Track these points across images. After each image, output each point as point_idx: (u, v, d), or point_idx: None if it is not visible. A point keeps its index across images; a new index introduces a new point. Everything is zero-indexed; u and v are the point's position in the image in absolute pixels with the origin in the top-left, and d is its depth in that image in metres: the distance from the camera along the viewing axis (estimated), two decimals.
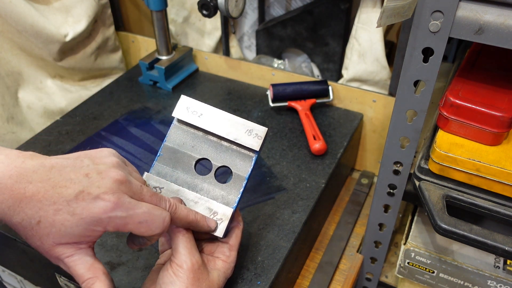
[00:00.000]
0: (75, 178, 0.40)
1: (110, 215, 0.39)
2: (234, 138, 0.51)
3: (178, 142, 0.52)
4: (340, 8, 0.87)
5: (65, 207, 0.39)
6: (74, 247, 0.41)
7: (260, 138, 0.51)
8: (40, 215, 0.39)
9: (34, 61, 0.88)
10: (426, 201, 0.56)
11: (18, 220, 0.39)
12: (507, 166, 0.53)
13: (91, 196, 0.39)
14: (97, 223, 0.40)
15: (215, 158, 0.52)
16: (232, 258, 0.52)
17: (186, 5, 1.02)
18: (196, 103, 0.52)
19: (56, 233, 0.39)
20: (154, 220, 0.42)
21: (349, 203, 0.85)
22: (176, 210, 0.46)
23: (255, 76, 0.95)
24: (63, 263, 0.42)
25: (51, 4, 0.86)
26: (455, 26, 0.45)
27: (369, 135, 0.88)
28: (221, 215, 0.50)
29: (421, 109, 0.53)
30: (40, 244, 0.40)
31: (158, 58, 0.94)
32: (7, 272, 0.78)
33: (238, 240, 0.53)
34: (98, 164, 0.42)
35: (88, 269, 0.42)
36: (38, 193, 0.38)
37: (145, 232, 0.42)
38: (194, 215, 0.48)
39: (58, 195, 0.39)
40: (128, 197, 0.41)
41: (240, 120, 0.52)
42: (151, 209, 0.42)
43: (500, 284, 0.64)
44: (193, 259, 0.46)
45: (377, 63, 0.85)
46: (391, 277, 0.82)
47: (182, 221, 0.46)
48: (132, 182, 0.42)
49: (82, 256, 0.42)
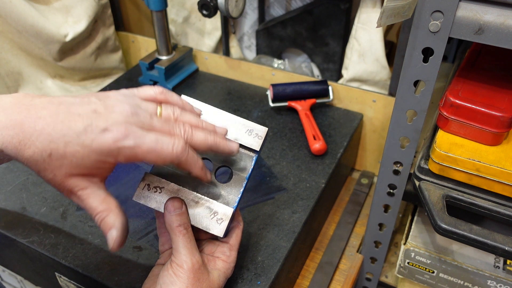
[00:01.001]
0: (83, 113, 0.40)
1: (118, 145, 0.40)
2: (234, 138, 0.51)
3: None
4: (340, 8, 0.87)
5: (74, 139, 0.39)
6: (87, 179, 0.42)
7: (261, 138, 0.51)
8: (51, 148, 0.39)
9: (34, 61, 0.88)
10: (426, 201, 0.56)
11: (29, 153, 0.39)
12: (507, 166, 0.53)
13: (99, 128, 0.40)
14: (107, 154, 0.40)
15: (215, 158, 0.52)
16: (232, 258, 0.52)
17: (186, 5, 1.02)
18: (197, 103, 0.52)
19: (68, 165, 0.40)
20: (163, 149, 0.42)
21: (349, 203, 0.85)
22: (193, 135, 0.45)
23: (255, 76, 0.95)
24: (76, 196, 0.42)
25: (51, 4, 0.86)
26: (455, 26, 0.45)
27: (369, 135, 0.88)
28: (222, 215, 0.50)
29: (421, 109, 0.53)
30: (53, 176, 0.41)
31: (158, 58, 0.94)
32: (7, 272, 0.78)
33: (238, 240, 0.52)
34: (106, 101, 0.42)
35: (101, 202, 0.43)
36: (48, 126, 0.39)
37: (156, 160, 0.42)
38: (213, 139, 0.46)
39: (67, 128, 0.39)
40: (137, 127, 0.41)
41: (241, 120, 0.52)
42: (159, 137, 0.42)
43: (500, 284, 0.64)
44: (194, 259, 0.46)
45: (377, 63, 0.85)
46: (391, 277, 0.82)
47: (201, 145, 0.45)
48: (139, 114, 0.42)
49: (95, 190, 0.42)
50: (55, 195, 0.69)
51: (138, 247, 0.61)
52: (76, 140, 0.39)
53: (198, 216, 0.50)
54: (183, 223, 0.47)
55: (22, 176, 0.72)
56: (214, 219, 0.50)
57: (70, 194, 0.42)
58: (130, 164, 0.73)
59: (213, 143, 0.46)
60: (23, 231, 0.63)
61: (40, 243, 0.62)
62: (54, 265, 0.62)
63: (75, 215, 0.66)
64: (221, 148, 0.47)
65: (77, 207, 0.67)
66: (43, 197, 0.69)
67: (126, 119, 0.41)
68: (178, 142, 0.43)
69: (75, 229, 0.64)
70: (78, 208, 0.67)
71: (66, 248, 0.61)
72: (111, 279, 0.58)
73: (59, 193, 0.68)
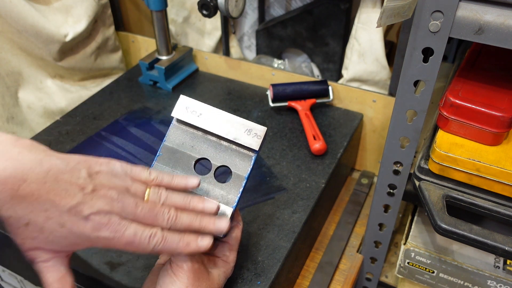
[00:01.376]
0: (71, 189, 0.39)
1: (97, 235, 0.40)
2: (233, 138, 0.51)
3: (178, 142, 0.52)
4: (340, 8, 0.87)
5: (56, 217, 0.39)
6: (52, 253, 0.41)
7: (260, 138, 0.51)
8: (29, 218, 0.38)
9: (34, 61, 0.88)
10: (426, 201, 0.56)
11: (6, 215, 0.38)
12: (507, 166, 0.53)
13: (83, 214, 0.39)
14: (85, 240, 0.40)
15: (215, 158, 0.52)
16: (232, 258, 0.52)
17: (186, 5, 1.02)
18: (195, 103, 0.52)
19: (42, 239, 0.39)
20: (141, 242, 0.41)
21: (349, 203, 0.85)
22: (176, 221, 0.44)
23: (255, 76, 0.95)
24: (36, 265, 0.42)
25: (51, 4, 0.86)
26: (455, 26, 0.45)
27: (369, 135, 0.88)
28: (221, 214, 0.50)
29: (421, 109, 0.53)
30: (21, 243, 0.40)
31: (158, 58, 0.94)
32: (7, 272, 0.78)
33: (238, 240, 0.52)
34: (95, 178, 0.41)
35: (58, 280, 0.42)
36: (31, 195, 0.37)
37: (134, 251, 0.42)
38: (199, 222, 0.45)
39: (51, 203, 0.38)
40: (119, 218, 0.41)
41: (240, 119, 0.52)
42: (139, 230, 0.41)
43: (500, 284, 0.64)
44: (193, 259, 0.46)
45: (377, 63, 0.85)
46: (391, 277, 0.82)
47: (187, 229, 0.45)
48: (125, 202, 0.41)
49: (57, 264, 0.42)
50: None
51: None
52: (58, 219, 0.39)
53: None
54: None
55: None
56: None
57: (31, 260, 0.42)
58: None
59: (199, 227, 0.45)
60: None
61: None
62: None
63: None
64: (208, 231, 0.46)
65: None
66: None
67: (111, 208, 0.40)
68: (156, 235, 0.42)
69: None
70: None
71: None
72: (111, 279, 0.58)
73: None
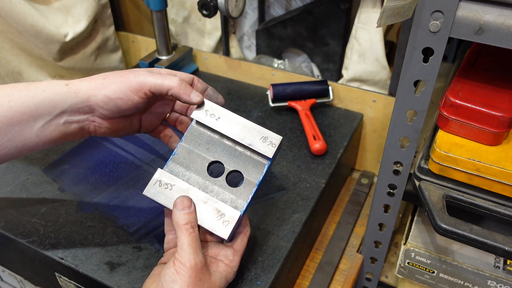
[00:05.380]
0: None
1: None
2: (248, 144, 0.52)
3: (194, 143, 0.54)
4: (340, 8, 0.87)
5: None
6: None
7: (274, 146, 0.52)
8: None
9: (34, 61, 0.88)
10: (426, 201, 0.56)
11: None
12: (507, 166, 0.53)
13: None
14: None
15: (228, 162, 0.53)
16: (235, 263, 0.52)
17: (186, 5, 1.02)
18: (215, 107, 0.53)
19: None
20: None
21: (349, 203, 0.85)
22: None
23: (255, 76, 0.95)
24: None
25: (51, 4, 0.86)
26: (455, 26, 0.45)
27: (369, 135, 0.88)
28: (228, 217, 0.50)
29: (421, 109, 0.53)
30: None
31: (158, 58, 0.94)
32: (7, 272, 0.78)
33: (243, 246, 0.53)
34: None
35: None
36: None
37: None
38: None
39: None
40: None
41: (257, 126, 0.52)
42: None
43: (500, 284, 0.64)
44: (197, 258, 0.46)
45: (377, 63, 0.85)
46: (391, 277, 0.82)
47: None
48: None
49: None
50: (55, 195, 0.69)
51: (138, 247, 0.61)
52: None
53: (205, 216, 0.50)
54: (190, 222, 0.48)
55: (22, 176, 0.72)
56: (221, 220, 0.50)
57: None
58: (130, 164, 0.74)
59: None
60: (23, 231, 0.63)
61: (40, 243, 0.62)
62: (54, 265, 0.62)
63: (75, 215, 0.66)
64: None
65: (77, 207, 0.67)
66: (43, 197, 0.68)
67: None
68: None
69: (75, 229, 0.64)
70: (78, 208, 0.67)
71: (66, 248, 0.61)
72: (111, 279, 0.58)
73: (59, 193, 0.69)
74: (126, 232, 0.63)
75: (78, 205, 0.67)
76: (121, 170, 0.73)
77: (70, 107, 0.50)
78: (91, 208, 0.67)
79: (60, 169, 0.73)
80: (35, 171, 0.73)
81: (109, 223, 0.64)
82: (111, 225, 0.64)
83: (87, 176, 0.72)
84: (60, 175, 0.72)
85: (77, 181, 0.71)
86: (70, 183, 0.71)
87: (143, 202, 0.67)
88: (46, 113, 0.49)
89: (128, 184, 0.70)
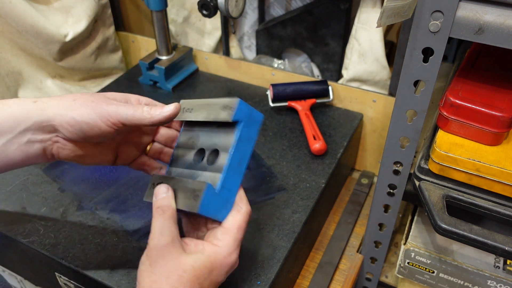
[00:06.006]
0: None
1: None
2: (213, 118, 0.51)
3: (184, 143, 0.56)
4: (340, 8, 0.87)
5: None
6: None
7: (232, 109, 0.50)
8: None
9: (34, 61, 0.88)
10: (426, 201, 0.56)
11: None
12: (507, 166, 0.53)
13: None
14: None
15: (208, 145, 0.53)
16: (225, 243, 0.48)
17: (186, 5, 1.02)
18: (188, 101, 0.55)
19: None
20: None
21: (349, 203, 0.85)
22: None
23: (255, 76, 0.95)
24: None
25: (51, 4, 0.86)
26: (455, 26, 0.45)
27: (369, 135, 0.88)
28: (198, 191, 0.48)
29: (421, 109, 0.53)
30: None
31: (158, 58, 0.94)
32: (7, 272, 0.78)
33: (236, 224, 0.49)
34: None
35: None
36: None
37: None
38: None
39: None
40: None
41: (216, 100, 0.53)
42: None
43: (500, 284, 0.64)
44: (161, 238, 0.46)
45: (377, 63, 0.85)
46: (391, 277, 0.82)
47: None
48: None
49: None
50: (55, 195, 0.69)
51: (138, 247, 0.61)
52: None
53: (183, 198, 0.49)
54: (161, 206, 0.48)
55: (22, 176, 0.72)
56: (192, 196, 0.49)
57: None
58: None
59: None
60: (23, 231, 0.63)
61: (40, 243, 0.62)
62: (54, 265, 0.62)
63: (75, 215, 0.66)
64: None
65: (77, 207, 0.67)
66: (43, 197, 0.69)
67: None
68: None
69: (75, 229, 0.64)
70: (78, 208, 0.67)
71: (66, 248, 0.61)
72: (111, 279, 0.58)
73: (59, 193, 0.69)
74: (126, 232, 0.63)
75: (78, 205, 0.67)
76: (121, 170, 0.73)
77: (34, 124, 0.47)
78: (91, 208, 0.67)
79: (60, 169, 0.73)
80: (35, 171, 0.73)
81: (109, 223, 0.64)
82: (111, 225, 0.64)
83: (87, 176, 0.72)
84: (60, 175, 0.72)
85: (77, 181, 0.71)
86: (70, 183, 0.71)
87: (143, 202, 0.67)
88: (8, 130, 0.47)
89: (128, 184, 0.70)
